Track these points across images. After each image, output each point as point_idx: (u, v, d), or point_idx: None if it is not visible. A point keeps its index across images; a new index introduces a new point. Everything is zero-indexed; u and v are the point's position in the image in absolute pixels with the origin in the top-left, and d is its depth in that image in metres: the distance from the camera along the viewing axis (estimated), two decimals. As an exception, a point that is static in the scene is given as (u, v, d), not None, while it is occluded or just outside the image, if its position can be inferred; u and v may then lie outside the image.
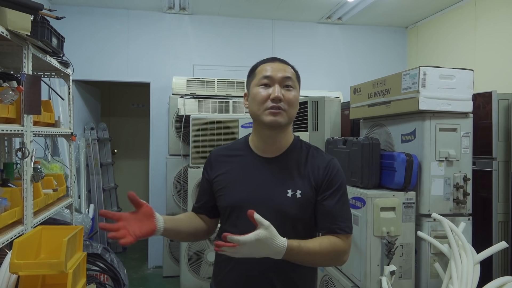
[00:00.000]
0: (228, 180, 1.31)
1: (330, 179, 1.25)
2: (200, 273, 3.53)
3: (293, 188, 1.24)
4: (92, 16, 4.28)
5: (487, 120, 2.70)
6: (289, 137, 1.32)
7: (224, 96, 4.01)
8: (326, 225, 1.23)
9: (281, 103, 1.22)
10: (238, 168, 1.31)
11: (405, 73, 2.35)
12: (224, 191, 1.30)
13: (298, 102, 1.28)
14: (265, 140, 1.29)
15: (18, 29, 1.78)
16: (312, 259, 1.17)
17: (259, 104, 1.23)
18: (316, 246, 1.16)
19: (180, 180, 3.99)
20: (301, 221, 1.25)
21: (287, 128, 1.30)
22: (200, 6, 4.28)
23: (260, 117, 1.24)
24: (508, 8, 3.35)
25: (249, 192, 1.26)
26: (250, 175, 1.28)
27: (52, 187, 2.48)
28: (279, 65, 1.27)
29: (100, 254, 2.59)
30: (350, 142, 2.51)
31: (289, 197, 1.23)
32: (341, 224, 1.22)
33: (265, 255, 1.08)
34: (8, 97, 1.83)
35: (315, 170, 1.26)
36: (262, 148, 1.31)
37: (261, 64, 1.29)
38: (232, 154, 1.36)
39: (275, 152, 1.30)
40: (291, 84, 1.24)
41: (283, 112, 1.22)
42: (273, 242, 1.06)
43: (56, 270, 1.67)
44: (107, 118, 5.83)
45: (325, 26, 4.78)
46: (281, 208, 1.22)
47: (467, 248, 2.16)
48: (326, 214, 1.24)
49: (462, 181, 2.34)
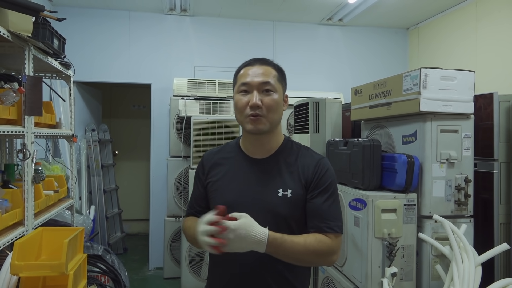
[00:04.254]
0: (219, 182, 1.32)
1: (320, 177, 1.25)
2: (201, 274, 3.53)
3: (284, 188, 1.24)
4: (93, 17, 4.29)
5: (489, 121, 2.70)
6: (278, 138, 1.33)
7: (225, 97, 4.01)
8: (314, 223, 1.23)
9: (260, 110, 1.21)
10: (229, 169, 1.32)
11: (406, 75, 2.35)
12: (215, 193, 1.32)
13: (279, 104, 1.26)
14: (253, 143, 1.31)
15: (20, 31, 1.79)
16: (296, 254, 1.15)
17: (240, 112, 1.25)
18: (301, 240, 1.16)
19: (181, 182, 3.99)
20: (293, 220, 1.25)
21: (274, 130, 1.30)
22: (201, 8, 4.28)
23: (243, 125, 1.26)
24: (509, 10, 3.35)
25: (240, 193, 1.27)
26: (241, 176, 1.30)
27: (53, 188, 2.48)
28: (258, 69, 1.26)
29: (101, 255, 2.59)
30: (351, 144, 2.50)
31: (280, 196, 1.24)
32: (330, 223, 1.22)
33: (249, 247, 1.08)
34: (9, 99, 1.83)
35: (305, 169, 1.26)
36: (252, 150, 1.32)
37: (242, 69, 1.29)
38: (223, 157, 1.37)
39: (265, 153, 1.31)
40: (270, 88, 1.23)
41: (262, 119, 1.22)
42: (252, 229, 1.07)
43: (56, 272, 1.67)
44: (108, 120, 5.84)
45: (326, 27, 4.78)
46: (272, 208, 1.23)
47: (468, 250, 2.15)
48: (314, 212, 1.24)
49: (464, 183, 2.34)
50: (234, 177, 1.30)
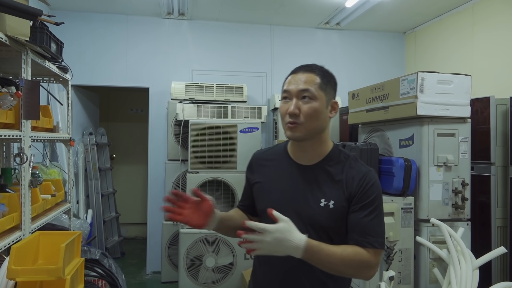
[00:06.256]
0: (264, 185, 1.34)
1: (365, 191, 1.22)
2: (199, 278, 3.52)
3: (326, 198, 1.23)
4: (91, 21, 4.29)
5: (485, 125, 2.71)
6: (325, 146, 1.31)
7: (223, 101, 4.01)
8: (354, 237, 1.21)
9: (297, 118, 1.22)
10: (274, 173, 1.34)
11: (403, 78, 2.36)
12: (260, 195, 1.35)
13: (320, 112, 1.23)
14: (297, 148, 1.32)
15: (17, 35, 1.79)
16: (331, 264, 1.14)
17: (282, 119, 1.28)
18: (338, 251, 1.15)
19: (179, 185, 3.98)
20: (333, 230, 1.24)
21: (318, 138, 1.28)
22: (199, 12, 4.29)
23: (284, 131, 1.28)
24: (505, 15, 3.37)
25: (282, 198, 1.28)
26: (285, 181, 1.30)
27: (50, 192, 2.47)
28: (300, 76, 1.25)
29: (98, 259, 2.58)
30: (348, 147, 2.51)
31: (322, 206, 1.23)
32: (370, 238, 1.19)
33: (285, 251, 1.09)
34: (7, 103, 1.83)
35: (350, 180, 1.24)
36: (298, 155, 1.32)
37: (289, 76, 1.30)
38: (270, 158, 1.39)
39: (311, 160, 1.30)
40: (308, 95, 1.22)
41: (300, 126, 1.22)
42: (292, 235, 1.08)
43: (53, 276, 1.66)
44: (105, 123, 5.82)
45: (324, 31, 4.80)
46: (313, 217, 1.23)
47: (466, 254, 2.16)
48: (355, 226, 1.21)
49: (461, 186, 2.34)
50: (278, 180, 1.32)
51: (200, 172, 3.51)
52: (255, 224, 1.07)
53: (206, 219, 1.23)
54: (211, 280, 3.53)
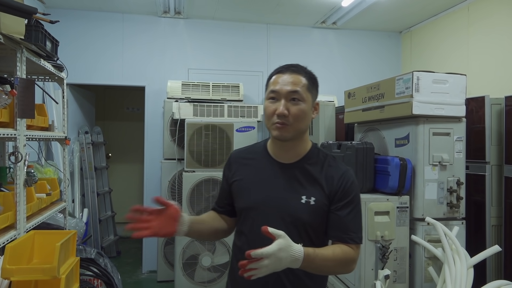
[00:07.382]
0: (244, 183, 1.34)
1: (345, 189, 1.26)
2: (195, 277, 3.52)
3: (307, 195, 1.26)
4: (86, 19, 4.27)
5: (480, 124, 2.72)
6: (305, 144, 1.34)
7: (219, 100, 4.01)
8: (337, 234, 1.25)
9: (286, 119, 1.23)
10: (254, 171, 1.35)
11: (398, 78, 2.37)
12: (240, 193, 1.35)
13: (306, 113, 1.26)
14: (279, 147, 1.33)
15: (12, 33, 1.78)
16: (325, 267, 1.18)
17: (268, 118, 1.28)
18: (330, 253, 1.18)
19: (175, 184, 3.98)
20: (312, 227, 1.27)
21: (301, 137, 1.31)
22: (195, 10, 4.28)
23: (270, 130, 1.29)
24: (500, 14, 3.39)
25: (263, 196, 1.29)
26: (265, 179, 1.31)
27: (46, 191, 2.46)
28: (288, 77, 1.26)
29: (94, 259, 2.58)
30: (344, 147, 2.51)
31: (303, 203, 1.25)
32: (352, 234, 1.24)
33: (285, 266, 1.08)
34: (1, 101, 1.82)
35: (329, 179, 1.28)
36: (278, 154, 1.34)
37: (274, 75, 1.30)
38: (250, 157, 1.39)
39: (291, 159, 1.32)
40: (297, 97, 1.24)
41: (288, 127, 1.24)
42: (291, 249, 1.07)
43: (48, 276, 1.66)
44: (101, 122, 5.80)
45: (320, 30, 4.81)
46: (294, 213, 1.25)
47: (460, 252, 2.17)
48: (338, 223, 1.25)
49: (456, 185, 2.36)
50: (259, 178, 1.32)
51: (196, 171, 3.50)
52: (260, 251, 1.02)
53: (174, 224, 1.22)
54: (207, 279, 3.53)
